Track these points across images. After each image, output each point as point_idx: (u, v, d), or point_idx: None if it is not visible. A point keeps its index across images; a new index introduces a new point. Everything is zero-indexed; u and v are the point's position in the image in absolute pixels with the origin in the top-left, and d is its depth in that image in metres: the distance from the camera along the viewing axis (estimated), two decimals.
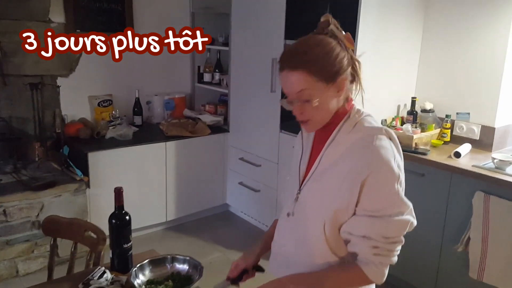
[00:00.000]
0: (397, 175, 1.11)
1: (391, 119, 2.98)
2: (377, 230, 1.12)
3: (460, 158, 2.56)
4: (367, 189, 1.11)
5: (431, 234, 2.57)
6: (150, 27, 3.64)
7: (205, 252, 3.24)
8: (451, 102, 2.94)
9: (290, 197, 1.31)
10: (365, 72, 2.47)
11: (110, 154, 3.10)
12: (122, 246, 1.54)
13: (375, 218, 1.12)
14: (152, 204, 3.39)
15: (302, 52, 1.14)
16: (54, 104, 3.31)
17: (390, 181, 1.11)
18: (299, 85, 1.13)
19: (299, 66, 1.12)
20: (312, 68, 1.12)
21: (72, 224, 1.87)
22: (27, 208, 2.78)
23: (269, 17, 3.13)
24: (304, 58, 1.13)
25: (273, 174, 3.30)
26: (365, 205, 1.13)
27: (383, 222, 1.12)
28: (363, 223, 1.14)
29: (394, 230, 1.13)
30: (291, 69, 1.13)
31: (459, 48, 2.88)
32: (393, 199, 1.12)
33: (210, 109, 3.91)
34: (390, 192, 1.11)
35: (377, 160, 1.11)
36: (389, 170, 1.11)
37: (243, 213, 3.78)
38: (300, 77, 1.12)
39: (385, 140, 1.15)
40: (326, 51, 1.13)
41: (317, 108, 1.15)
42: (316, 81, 1.12)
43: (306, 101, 1.15)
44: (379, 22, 2.71)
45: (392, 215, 1.12)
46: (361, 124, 1.18)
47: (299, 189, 1.27)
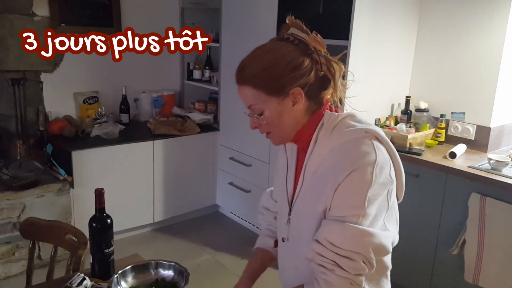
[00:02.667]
0: (370, 181, 0.99)
1: (385, 119, 2.92)
2: (326, 232, 1.01)
3: (455, 159, 2.51)
4: (337, 194, 1.01)
5: (425, 236, 2.51)
6: (138, 21, 3.55)
7: (194, 254, 3.15)
8: (446, 102, 2.88)
9: (282, 219, 1.21)
10: (358, 71, 2.39)
11: (95, 153, 2.99)
12: (103, 251, 1.44)
13: (330, 221, 1.02)
14: (139, 205, 3.29)
15: (248, 65, 1.07)
16: (37, 101, 3.19)
17: (360, 186, 0.99)
18: (248, 100, 1.09)
19: (245, 80, 1.07)
20: (256, 82, 1.05)
21: (52, 227, 1.78)
22: (7, 209, 2.67)
23: (261, 13, 3.05)
24: (249, 72, 1.06)
25: (264, 174, 3.22)
26: (331, 210, 1.03)
27: (335, 225, 1.00)
28: (320, 227, 1.04)
29: (343, 237, 0.98)
30: (239, 84, 1.09)
31: (454, 46, 2.83)
32: (354, 202, 0.99)
33: (199, 107, 3.82)
34: (355, 196, 0.99)
35: (352, 166, 1.00)
36: (361, 175, 0.99)
37: (233, 214, 3.70)
38: (247, 92, 1.07)
39: (366, 143, 1.03)
40: (273, 62, 1.05)
41: (271, 123, 1.09)
42: (263, 94, 1.06)
43: (259, 115, 1.09)
44: (373, 20, 2.64)
45: (349, 220, 0.99)
46: (339, 128, 1.07)
47: (290, 210, 1.17)
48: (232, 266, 3.02)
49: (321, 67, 1.07)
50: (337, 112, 1.11)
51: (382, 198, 1.01)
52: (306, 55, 1.06)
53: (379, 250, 1.01)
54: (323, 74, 1.08)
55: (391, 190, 1.04)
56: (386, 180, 1.02)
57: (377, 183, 0.99)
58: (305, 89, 1.06)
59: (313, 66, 1.06)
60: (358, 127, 1.06)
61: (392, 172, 1.05)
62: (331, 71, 1.08)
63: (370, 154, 1.01)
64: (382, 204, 1.02)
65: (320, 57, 1.07)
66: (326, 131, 1.07)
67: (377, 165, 1.00)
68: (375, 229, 1.00)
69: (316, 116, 1.10)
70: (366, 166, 0.99)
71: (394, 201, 1.08)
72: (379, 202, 1.01)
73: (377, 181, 0.99)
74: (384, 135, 1.08)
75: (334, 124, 1.07)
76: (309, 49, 1.06)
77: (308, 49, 1.06)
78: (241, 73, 1.08)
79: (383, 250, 1.02)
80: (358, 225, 0.98)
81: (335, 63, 1.09)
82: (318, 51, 1.07)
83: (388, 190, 1.03)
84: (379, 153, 1.02)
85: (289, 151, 1.22)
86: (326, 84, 1.09)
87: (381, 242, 1.00)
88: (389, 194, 1.04)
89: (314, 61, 1.06)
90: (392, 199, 1.06)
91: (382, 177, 1.00)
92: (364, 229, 0.98)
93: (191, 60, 3.86)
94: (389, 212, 1.05)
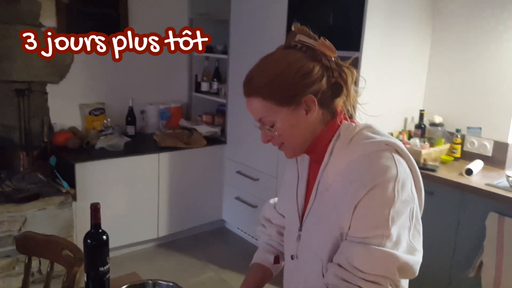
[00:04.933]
0: (393, 199, 0.91)
1: (398, 133, 2.82)
2: (349, 255, 0.93)
3: (472, 176, 2.40)
4: (357, 213, 0.93)
5: (440, 257, 2.39)
6: (146, 33, 3.51)
7: (198, 271, 3.05)
8: (462, 116, 2.78)
9: (291, 235, 1.13)
10: (370, 83, 2.28)
11: (98, 165, 2.93)
12: (98, 269, 1.36)
13: (352, 243, 0.94)
14: (143, 219, 3.21)
15: (255, 76, 1.01)
16: (42, 112, 3.16)
17: (381, 204, 0.91)
18: (257, 112, 1.03)
19: (254, 92, 1.01)
20: (266, 93, 0.99)
21: (49, 242, 1.70)
22: (8, 222, 2.61)
23: (269, 24, 2.99)
24: (258, 83, 1.00)
25: (272, 189, 3.13)
26: (351, 230, 0.95)
27: (357, 247, 0.92)
28: (340, 249, 0.96)
29: (366, 259, 0.91)
30: (248, 96, 1.03)
31: (470, 58, 2.73)
32: (377, 222, 0.92)
33: (207, 119, 3.75)
34: (377, 215, 0.92)
35: (372, 182, 0.92)
36: (382, 192, 0.91)
37: (239, 230, 3.60)
38: (257, 105, 1.01)
39: (386, 156, 0.95)
40: (281, 71, 0.99)
41: (284, 134, 1.02)
42: (274, 105, 0.99)
43: (270, 127, 1.02)
44: (385, 32, 2.56)
45: (371, 242, 0.91)
46: (357, 140, 1.00)
47: (300, 226, 1.09)
48: (237, 284, 2.89)
49: (332, 73, 1.01)
50: (354, 123, 1.04)
51: (404, 216, 0.94)
52: (316, 61, 1.00)
53: (405, 272, 0.94)
54: (335, 80, 1.01)
55: (412, 208, 0.96)
56: (408, 197, 0.94)
57: (400, 200, 0.92)
58: (317, 96, 0.99)
59: (324, 72, 1.00)
60: (377, 139, 0.98)
61: (414, 188, 0.98)
62: (343, 77, 1.02)
63: (391, 168, 0.93)
64: (405, 223, 0.95)
65: (331, 62, 1.01)
66: (343, 142, 1.00)
67: (399, 180, 0.93)
68: (400, 250, 0.92)
69: (331, 126, 1.03)
70: (387, 182, 0.92)
71: (418, 217, 1.00)
72: (402, 221, 0.93)
73: (400, 198, 0.92)
74: (405, 148, 1.00)
75: (351, 136, 1.00)
76: (318, 55, 1.00)
77: (317, 55, 1.00)
78: (249, 85, 1.02)
79: (410, 272, 0.95)
80: (383, 247, 0.91)
81: (346, 68, 1.02)
82: (328, 57, 1.01)
83: (410, 208, 0.95)
84: (400, 167, 0.95)
85: (300, 162, 1.15)
86: (339, 91, 1.03)
87: (408, 263, 0.93)
88: (411, 212, 0.96)
89: (325, 67, 1.00)
90: (415, 217, 0.98)
91: (404, 194, 0.93)
92: (390, 252, 0.91)
93: (199, 72, 3.81)
94: (414, 231, 0.98)
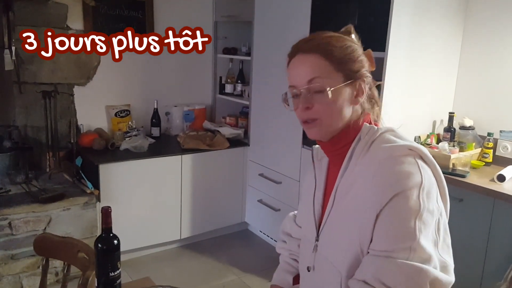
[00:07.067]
0: (418, 208, 0.85)
1: (426, 136, 2.71)
2: (375, 271, 0.86)
3: (504, 182, 2.27)
4: (379, 223, 0.87)
5: (470, 268, 2.28)
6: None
7: (219, 274, 3.03)
8: (494, 119, 2.65)
9: (308, 245, 1.07)
10: (396, 84, 2.20)
11: (122, 167, 2.96)
12: (108, 274, 1.34)
13: (377, 257, 0.87)
14: (166, 221, 3.21)
15: (321, 37, 0.96)
16: (69, 113, 3.22)
17: (406, 213, 0.85)
18: (313, 71, 0.93)
19: (316, 49, 0.94)
20: (329, 51, 0.93)
21: (65, 244, 1.71)
22: (33, 221, 2.66)
23: (293, 25, 2.94)
24: (323, 41, 0.95)
25: (294, 193, 3.07)
26: (374, 242, 0.89)
27: (384, 262, 0.86)
28: (364, 264, 0.90)
29: (395, 275, 0.85)
30: (306, 52, 0.94)
31: (503, 58, 2.60)
32: (402, 233, 0.85)
33: (231, 121, 3.73)
34: (402, 227, 0.85)
35: (394, 189, 0.86)
36: (406, 201, 0.85)
37: (262, 233, 3.56)
38: (314, 61, 0.93)
39: (409, 162, 0.89)
40: (348, 45, 0.96)
41: (328, 104, 0.93)
42: (332, 70, 0.93)
43: (316, 93, 0.93)
44: (412, 32, 2.47)
45: (398, 255, 0.85)
46: (378, 144, 0.94)
47: (317, 236, 1.03)
48: None
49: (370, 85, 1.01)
50: (377, 126, 0.99)
51: (432, 228, 0.87)
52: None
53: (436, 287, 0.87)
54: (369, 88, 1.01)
55: (438, 219, 0.89)
56: (434, 207, 0.88)
57: (427, 209, 0.86)
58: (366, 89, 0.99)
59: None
60: (400, 143, 0.92)
61: (439, 198, 0.91)
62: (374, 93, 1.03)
63: (415, 175, 0.87)
64: (433, 236, 0.88)
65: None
66: (364, 146, 0.95)
67: (423, 188, 0.87)
68: (431, 264, 0.86)
69: (355, 125, 0.98)
70: (411, 189, 0.86)
71: (447, 230, 0.93)
72: (430, 233, 0.87)
73: (426, 207, 0.86)
74: (430, 155, 0.93)
75: (372, 139, 0.95)
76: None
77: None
78: (309, 42, 0.96)
79: (441, 287, 0.88)
80: (410, 261, 0.84)
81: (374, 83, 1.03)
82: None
83: (436, 219, 0.89)
84: (425, 174, 0.89)
85: (318, 166, 1.09)
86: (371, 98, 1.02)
87: (439, 279, 0.86)
88: (437, 224, 0.89)
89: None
90: (442, 230, 0.91)
91: (430, 203, 0.87)
92: (420, 266, 0.84)
93: (223, 74, 3.80)
94: (443, 244, 0.91)
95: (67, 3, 3.08)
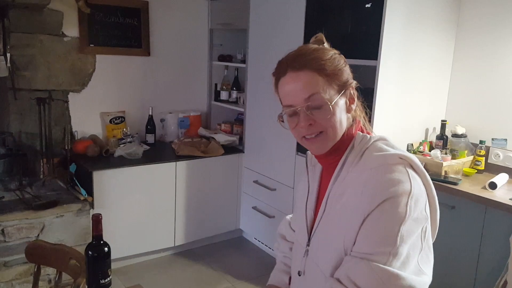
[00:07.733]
0: (404, 215, 0.86)
1: (418, 144, 2.72)
2: (349, 271, 0.88)
3: (495, 190, 2.29)
4: (364, 227, 0.89)
5: (462, 275, 2.28)
6: (167, 43, 3.56)
7: (213, 282, 3.02)
8: (486, 127, 2.67)
9: (299, 250, 1.08)
10: (389, 92, 2.22)
11: (116, 173, 2.95)
12: (99, 282, 1.35)
13: (354, 258, 0.89)
14: (160, 228, 3.21)
15: (308, 52, 0.96)
16: (64, 120, 3.22)
17: (391, 220, 0.86)
18: (309, 87, 0.93)
19: (307, 65, 0.93)
20: (321, 67, 0.93)
21: (56, 251, 1.71)
22: (26, 228, 2.65)
23: (287, 33, 2.96)
24: (312, 57, 0.94)
25: (289, 200, 3.08)
26: (356, 244, 0.90)
27: (360, 263, 0.87)
28: (342, 264, 0.91)
29: (368, 277, 0.85)
30: (297, 70, 0.94)
31: (495, 67, 2.62)
32: (384, 238, 0.86)
33: (226, 128, 3.74)
34: (385, 232, 0.86)
35: (384, 195, 0.87)
36: (394, 207, 0.86)
37: (257, 240, 3.55)
38: (308, 78, 0.93)
39: (400, 170, 0.91)
40: (334, 57, 0.97)
41: (330, 117, 0.94)
42: (327, 84, 0.94)
43: (316, 108, 0.94)
44: (405, 40, 2.49)
45: (376, 259, 0.85)
46: (370, 152, 0.96)
47: (308, 241, 1.05)
48: None
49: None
50: (369, 135, 1.00)
51: (415, 236, 0.88)
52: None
53: None
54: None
55: (425, 228, 0.90)
56: (421, 216, 0.89)
57: (412, 217, 0.87)
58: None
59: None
60: (391, 152, 0.94)
61: (427, 207, 0.92)
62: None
63: (404, 183, 0.88)
64: (416, 244, 0.89)
65: None
66: (356, 154, 0.97)
67: (412, 196, 0.88)
68: (406, 271, 0.86)
69: (349, 134, 1.00)
70: (400, 196, 0.87)
71: (429, 240, 0.94)
72: (412, 240, 0.87)
73: (412, 215, 0.87)
74: (420, 164, 0.95)
75: (365, 147, 0.97)
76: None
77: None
78: (301, 58, 0.95)
79: None
80: (388, 267, 0.85)
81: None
82: None
83: (422, 228, 0.90)
84: (414, 183, 0.90)
85: (311, 173, 1.11)
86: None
87: (415, 286, 0.86)
88: (423, 233, 0.90)
89: None
90: (427, 239, 0.92)
91: (417, 212, 0.88)
92: (395, 272, 0.85)
93: (219, 81, 3.81)
94: (423, 253, 0.91)
95: (62, 10, 3.09)
